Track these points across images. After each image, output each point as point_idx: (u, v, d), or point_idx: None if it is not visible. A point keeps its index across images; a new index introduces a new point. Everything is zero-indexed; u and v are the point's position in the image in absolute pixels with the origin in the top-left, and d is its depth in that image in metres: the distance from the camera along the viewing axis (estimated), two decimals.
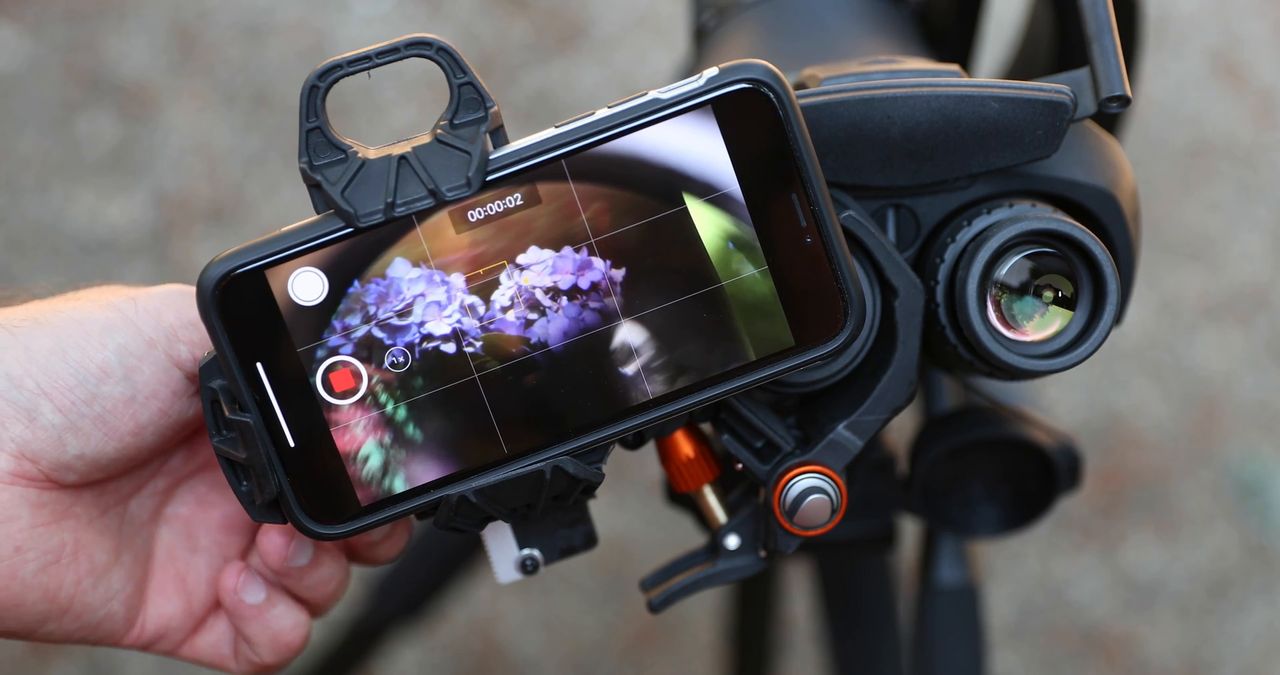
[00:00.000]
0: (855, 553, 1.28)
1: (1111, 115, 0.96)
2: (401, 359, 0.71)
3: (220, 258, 0.70)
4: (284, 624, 0.79)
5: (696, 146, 0.70)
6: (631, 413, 0.72)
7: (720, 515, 0.80)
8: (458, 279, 0.70)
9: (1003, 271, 0.75)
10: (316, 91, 0.70)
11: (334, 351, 0.71)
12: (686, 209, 0.71)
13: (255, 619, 0.78)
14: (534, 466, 0.72)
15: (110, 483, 0.77)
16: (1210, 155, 2.11)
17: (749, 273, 0.71)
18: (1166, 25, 2.16)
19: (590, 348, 0.71)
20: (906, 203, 0.78)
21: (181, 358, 0.73)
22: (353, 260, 0.70)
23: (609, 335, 0.71)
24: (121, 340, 0.72)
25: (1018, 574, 1.93)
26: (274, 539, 0.77)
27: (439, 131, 0.70)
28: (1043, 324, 0.75)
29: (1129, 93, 0.74)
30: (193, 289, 0.73)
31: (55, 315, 0.73)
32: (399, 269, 0.70)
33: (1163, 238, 2.06)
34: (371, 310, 0.70)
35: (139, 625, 0.78)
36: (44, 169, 2.10)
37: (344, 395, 0.71)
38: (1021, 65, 1.05)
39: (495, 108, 0.70)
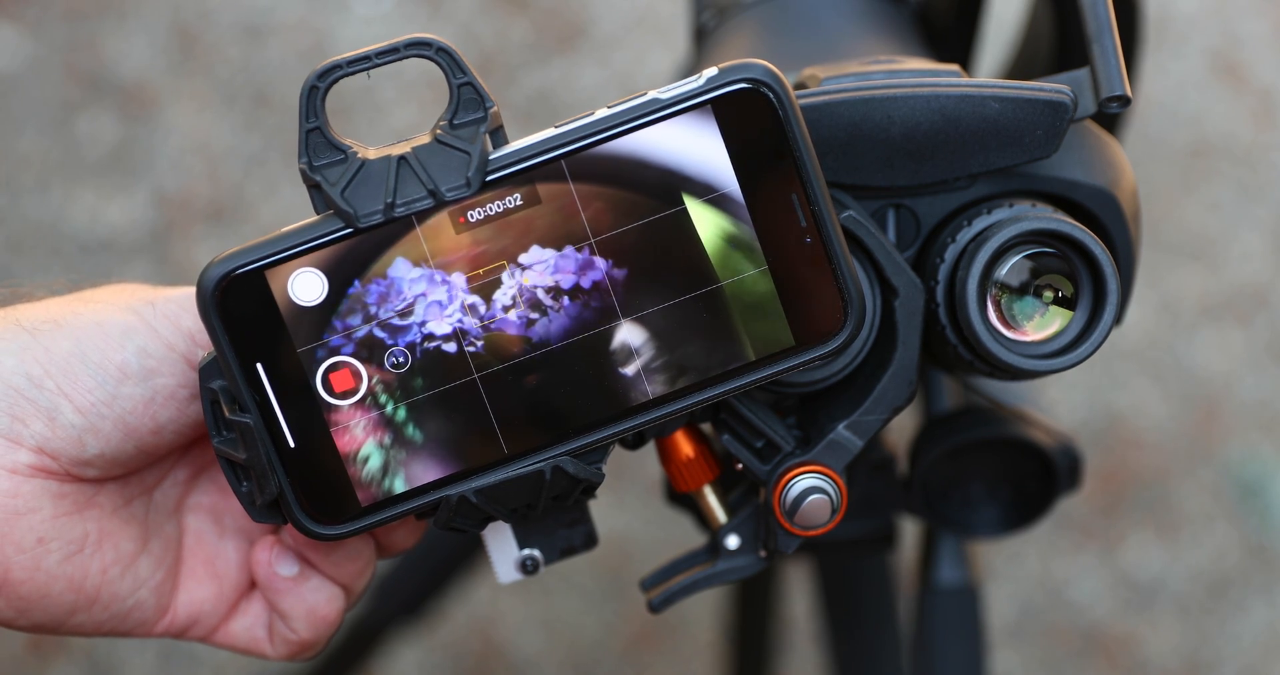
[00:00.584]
0: (855, 553, 1.28)
1: (1111, 115, 0.96)
2: (402, 359, 0.71)
3: (220, 258, 0.70)
4: (319, 597, 0.79)
5: (696, 146, 0.70)
6: (632, 413, 0.72)
7: (720, 515, 0.80)
8: (459, 279, 0.70)
9: (1003, 271, 0.75)
10: (316, 92, 0.70)
11: (334, 352, 0.71)
12: (686, 209, 0.71)
13: (290, 592, 0.78)
14: (534, 467, 0.72)
15: (133, 476, 0.77)
16: (1210, 155, 2.12)
17: (749, 273, 0.71)
18: (1166, 25, 2.16)
19: (591, 348, 0.71)
20: (906, 203, 0.78)
21: (198, 361, 0.74)
22: (353, 261, 0.70)
23: (609, 335, 0.71)
24: (140, 342, 0.73)
25: (1018, 574, 1.93)
26: None
27: (438, 132, 0.70)
28: (1043, 324, 0.75)
29: (1129, 93, 0.74)
30: None
31: (75, 317, 0.73)
32: (400, 269, 0.70)
33: (1163, 238, 2.06)
34: (373, 310, 0.70)
35: (171, 612, 0.78)
36: (44, 169, 2.10)
37: (344, 396, 0.71)
38: (1021, 65, 1.04)
39: (495, 108, 0.70)
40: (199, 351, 0.74)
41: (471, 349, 0.71)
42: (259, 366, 0.70)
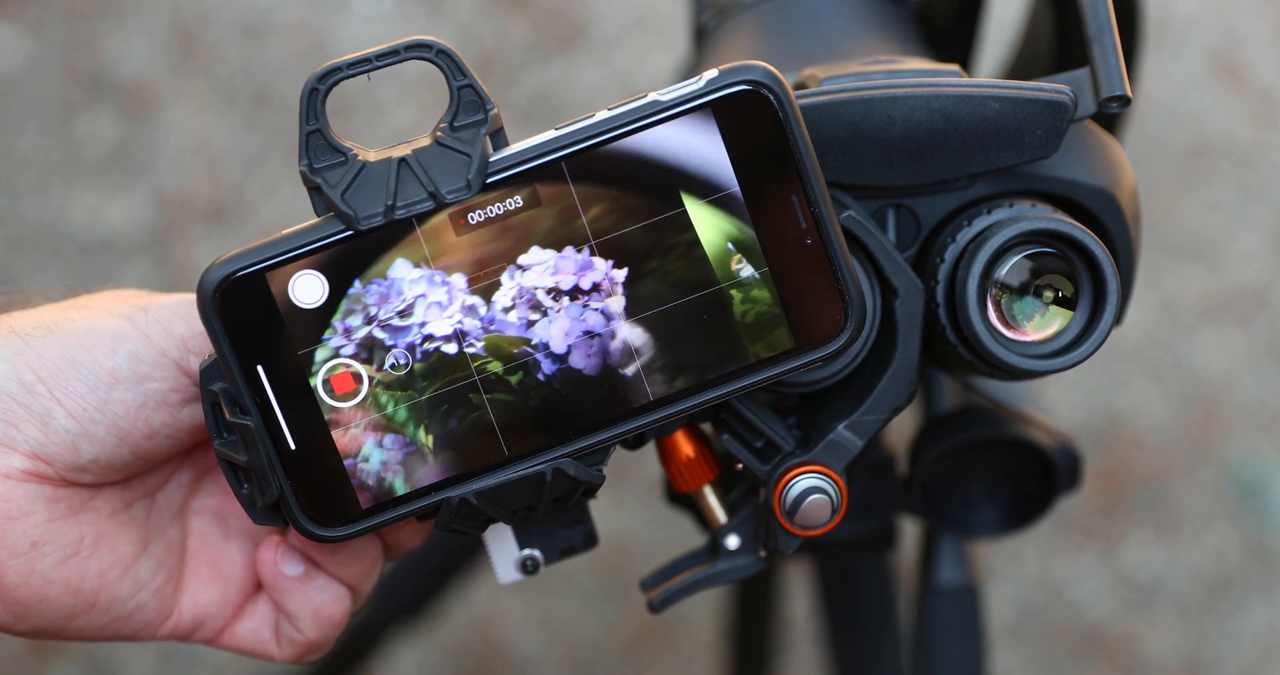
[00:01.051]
0: (855, 553, 1.28)
1: (1111, 115, 0.96)
2: (403, 360, 0.71)
3: (220, 261, 0.70)
4: (325, 596, 0.78)
5: (696, 148, 0.70)
6: (632, 414, 0.72)
7: (720, 515, 0.80)
8: (459, 280, 0.70)
9: (1003, 271, 0.75)
10: (316, 94, 0.70)
11: (335, 353, 0.71)
12: (686, 210, 0.71)
13: (296, 591, 0.78)
14: (535, 468, 0.72)
15: (133, 480, 0.77)
16: (1210, 155, 2.12)
17: (749, 274, 0.71)
18: (1166, 25, 2.16)
19: (591, 349, 0.71)
20: (906, 203, 0.78)
21: (191, 368, 0.74)
22: (353, 263, 0.70)
23: (610, 336, 0.71)
24: (132, 348, 0.73)
25: (1018, 574, 1.93)
26: None
27: (439, 134, 0.70)
28: (1043, 324, 0.75)
29: (1129, 93, 0.74)
30: None
31: (68, 324, 0.73)
32: (400, 270, 0.70)
33: (1163, 238, 2.06)
34: (373, 311, 0.70)
35: (175, 615, 0.78)
36: (44, 169, 2.10)
37: (345, 397, 0.71)
38: (1021, 65, 1.05)
39: (495, 110, 0.70)
40: (191, 357, 0.74)
41: (472, 350, 0.71)
42: (259, 368, 0.70)
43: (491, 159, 0.70)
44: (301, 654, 0.80)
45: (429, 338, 0.71)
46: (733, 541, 0.80)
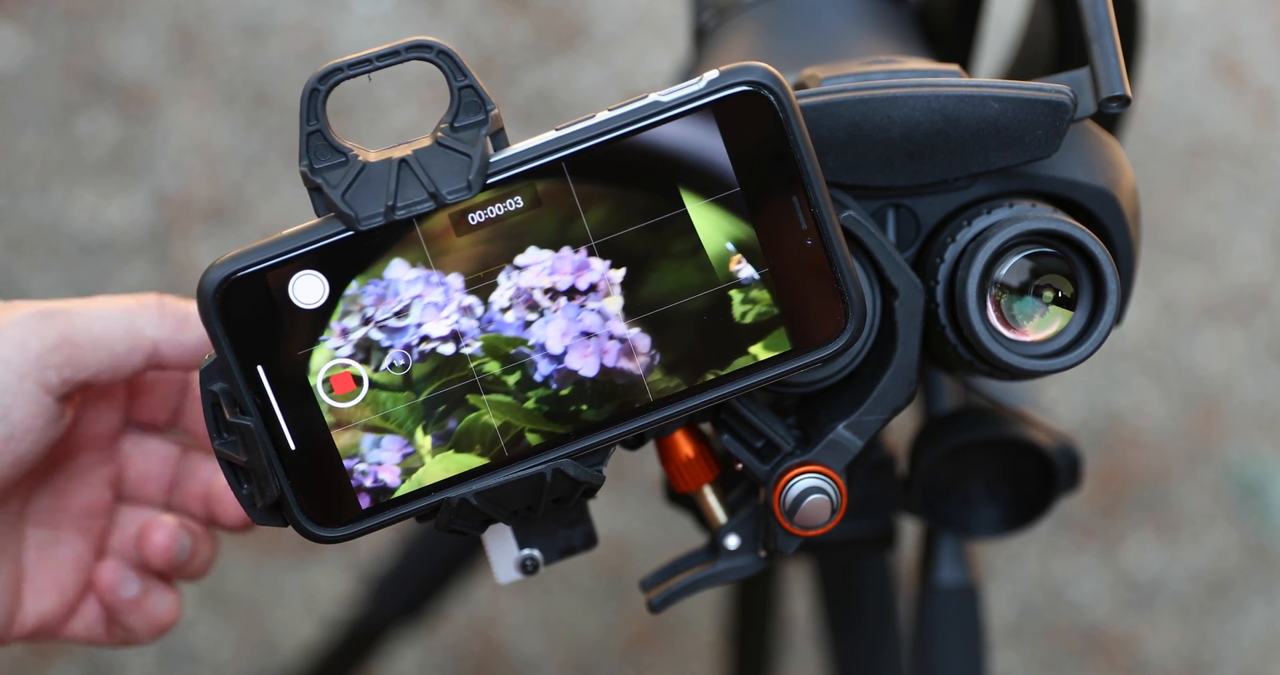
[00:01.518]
0: (855, 553, 1.28)
1: (1111, 115, 0.96)
2: (400, 361, 0.71)
3: (221, 261, 0.70)
4: (160, 609, 0.83)
5: (697, 148, 0.70)
6: (631, 415, 0.72)
7: (720, 515, 0.80)
8: (456, 280, 0.70)
9: (1003, 271, 0.75)
10: (317, 94, 0.70)
11: (334, 354, 0.71)
12: (686, 211, 0.71)
13: (134, 610, 0.82)
14: (534, 469, 0.72)
15: None
16: (1210, 155, 2.12)
17: (749, 275, 0.71)
18: (1166, 25, 2.16)
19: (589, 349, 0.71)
20: (906, 203, 0.78)
21: (51, 383, 0.75)
22: (353, 263, 0.70)
23: (607, 337, 0.71)
24: None
25: (1018, 574, 1.93)
26: (159, 539, 0.81)
27: (439, 134, 0.70)
28: (1043, 324, 0.75)
29: (1129, 93, 0.74)
30: (48, 309, 0.76)
31: None
32: (396, 270, 0.70)
33: (1163, 238, 2.06)
34: (370, 312, 0.70)
35: (19, 623, 0.80)
36: (44, 169, 2.10)
37: (344, 397, 0.71)
38: (1021, 65, 1.05)
39: (496, 111, 0.70)
40: (49, 374, 0.75)
41: (469, 350, 0.71)
42: (260, 369, 0.70)
43: (492, 159, 0.70)
44: (130, 645, 0.84)
45: (425, 338, 0.71)
46: (733, 541, 0.80)
